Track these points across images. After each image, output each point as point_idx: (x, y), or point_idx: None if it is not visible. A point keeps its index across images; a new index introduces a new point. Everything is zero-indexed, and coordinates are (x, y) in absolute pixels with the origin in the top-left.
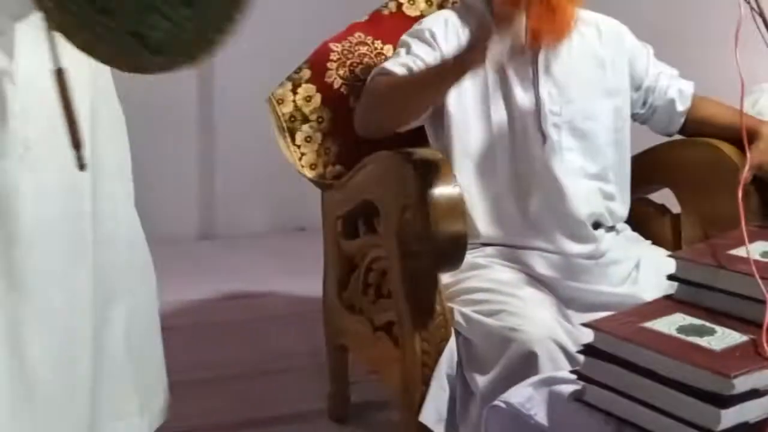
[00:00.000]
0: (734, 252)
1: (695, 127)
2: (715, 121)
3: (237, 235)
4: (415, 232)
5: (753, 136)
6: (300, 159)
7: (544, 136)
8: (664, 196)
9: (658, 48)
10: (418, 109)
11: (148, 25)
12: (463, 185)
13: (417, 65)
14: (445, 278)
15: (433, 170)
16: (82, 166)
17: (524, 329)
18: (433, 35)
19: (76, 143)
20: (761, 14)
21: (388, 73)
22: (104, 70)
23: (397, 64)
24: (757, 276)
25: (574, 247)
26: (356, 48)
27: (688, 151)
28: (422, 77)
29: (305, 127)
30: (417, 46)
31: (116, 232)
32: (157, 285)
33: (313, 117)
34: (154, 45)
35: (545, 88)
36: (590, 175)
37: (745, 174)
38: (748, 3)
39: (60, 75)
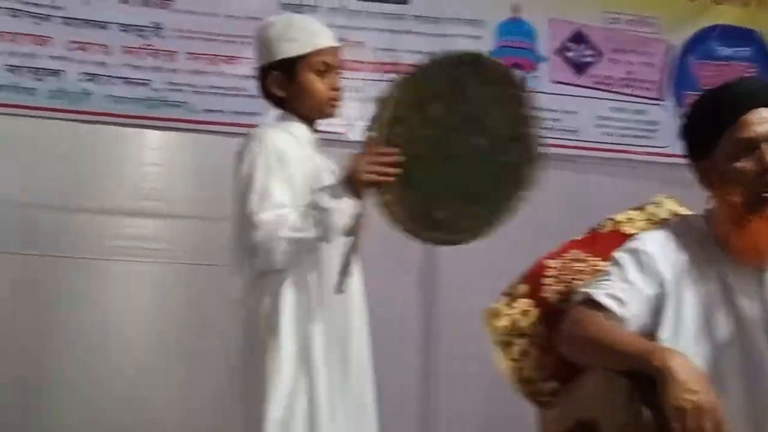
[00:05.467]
0: None
1: None
2: None
3: None
4: None
5: None
6: (516, 374)
7: None
8: None
9: None
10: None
11: (434, 207)
12: None
13: (632, 300)
14: None
15: (651, 386)
16: (338, 291)
17: None
18: (651, 259)
19: (345, 271)
20: None
21: (596, 303)
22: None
23: (610, 297)
24: None
25: None
26: (572, 264)
27: None
28: (613, 347)
29: (521, 342)
30: (634, 273)
31: None
32: None
33: (530, 331)
34: (433, 222)
35: None
36: None
37: None
38: None
39: (358, 217)
